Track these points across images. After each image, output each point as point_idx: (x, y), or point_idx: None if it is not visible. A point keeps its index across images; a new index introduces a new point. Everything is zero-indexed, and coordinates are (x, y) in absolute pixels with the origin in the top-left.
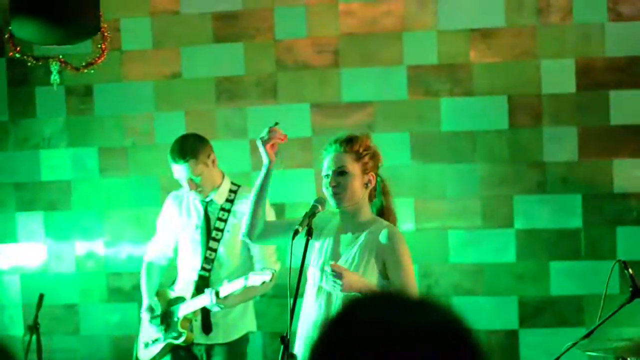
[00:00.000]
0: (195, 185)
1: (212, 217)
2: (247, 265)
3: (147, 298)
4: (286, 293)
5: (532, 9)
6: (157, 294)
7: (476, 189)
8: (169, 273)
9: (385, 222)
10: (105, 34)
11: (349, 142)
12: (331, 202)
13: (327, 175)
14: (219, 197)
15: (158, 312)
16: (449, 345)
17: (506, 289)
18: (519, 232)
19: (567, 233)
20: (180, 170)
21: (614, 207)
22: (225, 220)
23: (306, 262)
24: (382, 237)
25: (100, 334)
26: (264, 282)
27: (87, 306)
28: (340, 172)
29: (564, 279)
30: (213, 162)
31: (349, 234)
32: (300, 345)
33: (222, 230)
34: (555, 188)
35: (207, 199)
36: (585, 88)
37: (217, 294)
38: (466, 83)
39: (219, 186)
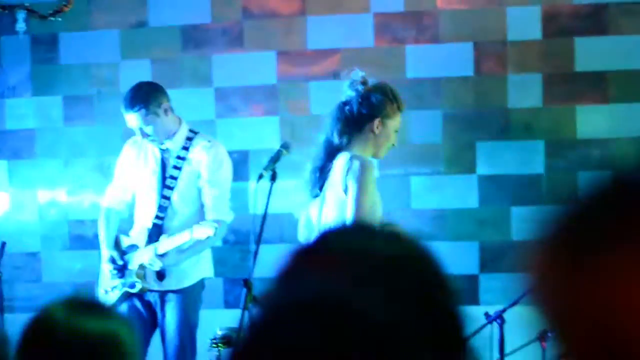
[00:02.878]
0: (146, 135)
1: (168, 165)
2: (201, 214)
3: (106, 248)
4: (248, 239)
5: None
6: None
7: (439, 135)
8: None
9: None
10: None
11: None
12: (383, 154)
13: (397, 132)
14: (175, 144)
15: (119, 263)
16: (418, 276)
17: (468, 235)
18: (481, 177)
19: (529, 179)
20: (131, 119)
21: (577, 153)
22: (179, 168)
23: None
24: None
25: (62, 281)
26: (208, 237)
27: (49, 254)
28: None
29: (525, 224)
30: (165, 111)
31: None
32: None
33: (176, 178)
34: (518, 134)
35: (163, 147)
36: (551, 35)
37: (156, 250)
38: (432, 30)
39: (174, 134)
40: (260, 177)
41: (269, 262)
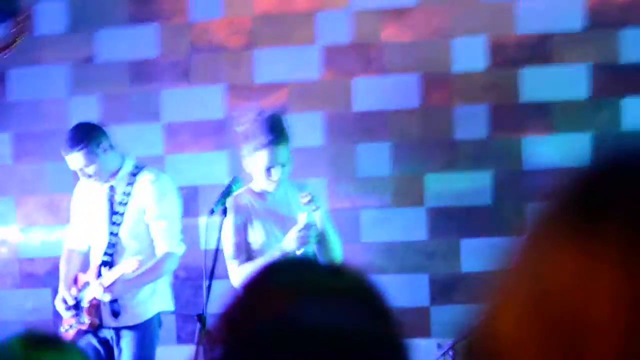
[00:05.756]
0: (88, 175)
1: (115, 201)
2: (151, 249)
3: (62, 288)
4: (199, 275)
5: None
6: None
7: (387, 167)
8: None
9: None
10: (20, 17)
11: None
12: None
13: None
14: (119, 181)
15: (70, 303)
16: (364, 309)
17: (417, 267)
18: (429, 210)
19: (477, 211)
20: (72, 161)
21: (524, 184)
22: (125, 204)
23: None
24: None
25: (14, 320)
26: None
27: (0, 292)
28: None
29: (475, 256)
30: (105, 150)
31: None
32: None
33: (122, 214)
34: (466, 166)
35: (107, 185)
36: (496, 66)
37: (101, 284)
38: (378, 62)
39: (117, 171)
40: (212, 212)
41: (221, 297)
